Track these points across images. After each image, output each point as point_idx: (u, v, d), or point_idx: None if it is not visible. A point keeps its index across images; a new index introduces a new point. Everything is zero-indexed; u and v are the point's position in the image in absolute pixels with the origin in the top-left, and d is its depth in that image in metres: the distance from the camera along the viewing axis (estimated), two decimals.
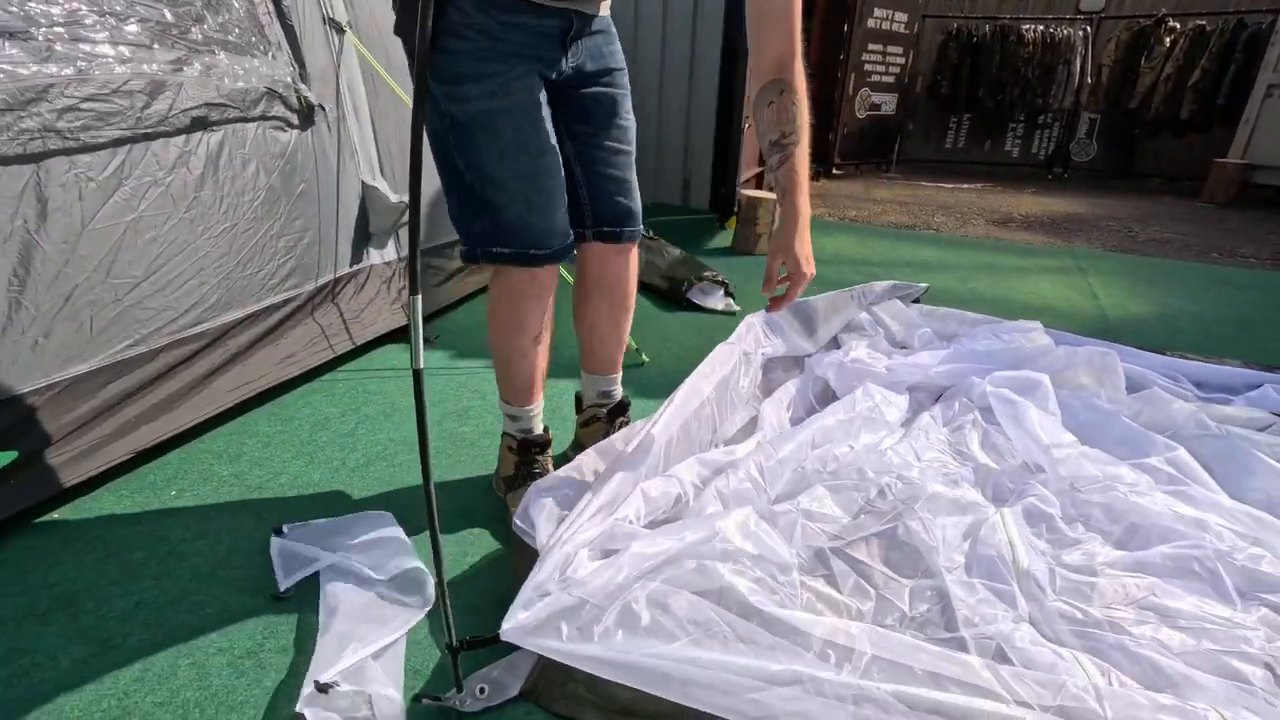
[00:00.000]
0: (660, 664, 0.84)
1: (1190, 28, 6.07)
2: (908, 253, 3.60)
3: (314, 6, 1.79)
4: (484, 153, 1.05)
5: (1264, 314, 2.72)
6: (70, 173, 1.18)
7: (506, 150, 1.05)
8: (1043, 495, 1.28)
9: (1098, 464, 1.35)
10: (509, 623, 0.89)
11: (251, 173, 1.56)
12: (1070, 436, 1.44)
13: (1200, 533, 1.17)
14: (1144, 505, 1.24)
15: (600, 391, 1.48)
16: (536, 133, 1.08)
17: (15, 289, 1.13)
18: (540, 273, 1.16)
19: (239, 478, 1.41)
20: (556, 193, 1.13)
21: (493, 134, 1.04)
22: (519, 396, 1.30)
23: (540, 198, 1.11)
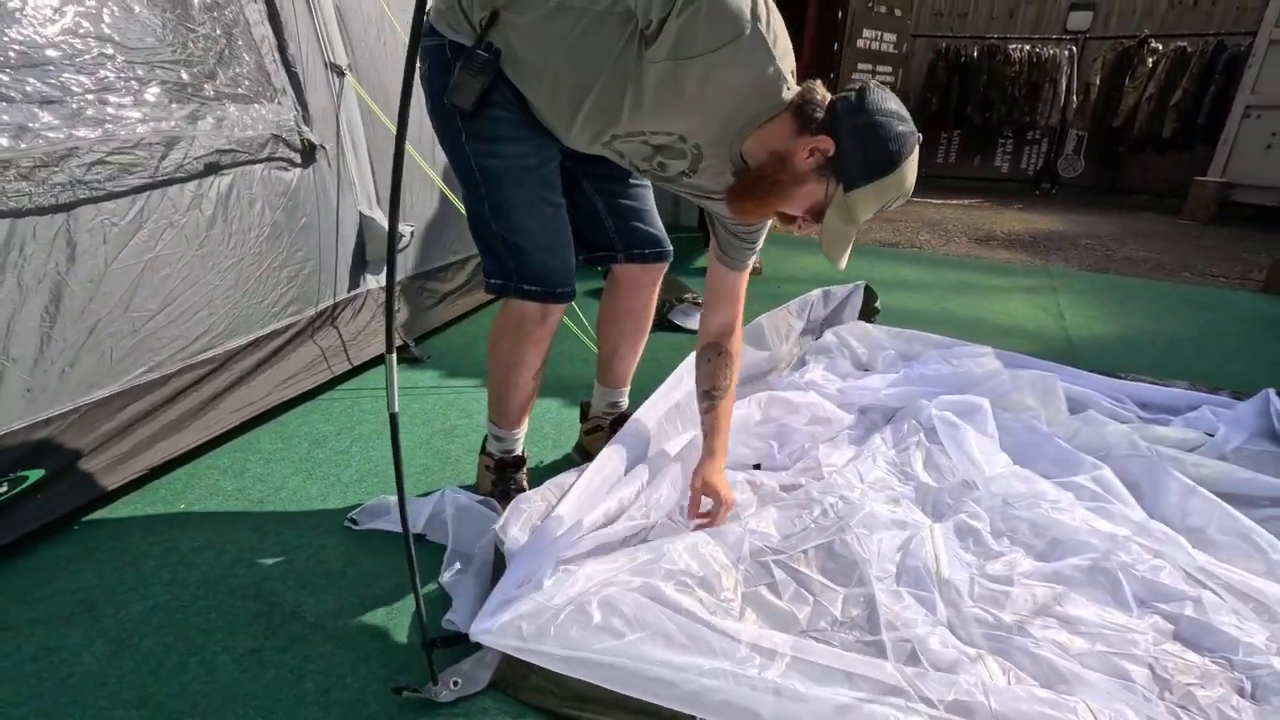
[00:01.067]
0: (608, 659, 0.96)
1: (1172, 49, 6.22)
2: (888, 271, 3.73)
3: (317, 53, 1.93)
4: (514, 203, 1.21)
5: (1222, 334, 2.85)
6: (96, 219, 1.32)
7: (534, 200, 1.22)
8: (974, 511, 1.41)
9: (1027, 482, 1.48)
10: (477, 624, 1.01)
11: (258, 211, 1.69)
12: (1004, 457, 1.57)
13: (1111, 546, 1.29)
14: (1064, 521, 1.37)
15: (609, 403, 1.68)
16: (555, 189, 1.25)
17: (47, 325, 1.26)
18: (553, 310, 1.31)
19: (242, 492, 1.54)
20: (569, 240, 1.30)
21: (524, 185, 1.20)
22: (508, 421, 1.44)
23: (560, 241, 1.27)
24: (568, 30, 1.03)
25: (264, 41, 1.75)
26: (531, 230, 1.23)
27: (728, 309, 1.35)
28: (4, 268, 1.18)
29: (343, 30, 2.04)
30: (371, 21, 2.16)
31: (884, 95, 1.04)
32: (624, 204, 1.40)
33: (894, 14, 6.34)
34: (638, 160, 1.19)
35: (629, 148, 1.16)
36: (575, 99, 1.09)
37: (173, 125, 1.43)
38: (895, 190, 1.04)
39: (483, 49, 1.07)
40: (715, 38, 0.96)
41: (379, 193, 2.17)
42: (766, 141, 1.07)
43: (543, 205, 1.23)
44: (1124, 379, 2.18)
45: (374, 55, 2.16)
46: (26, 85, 1.20)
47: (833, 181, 1.05)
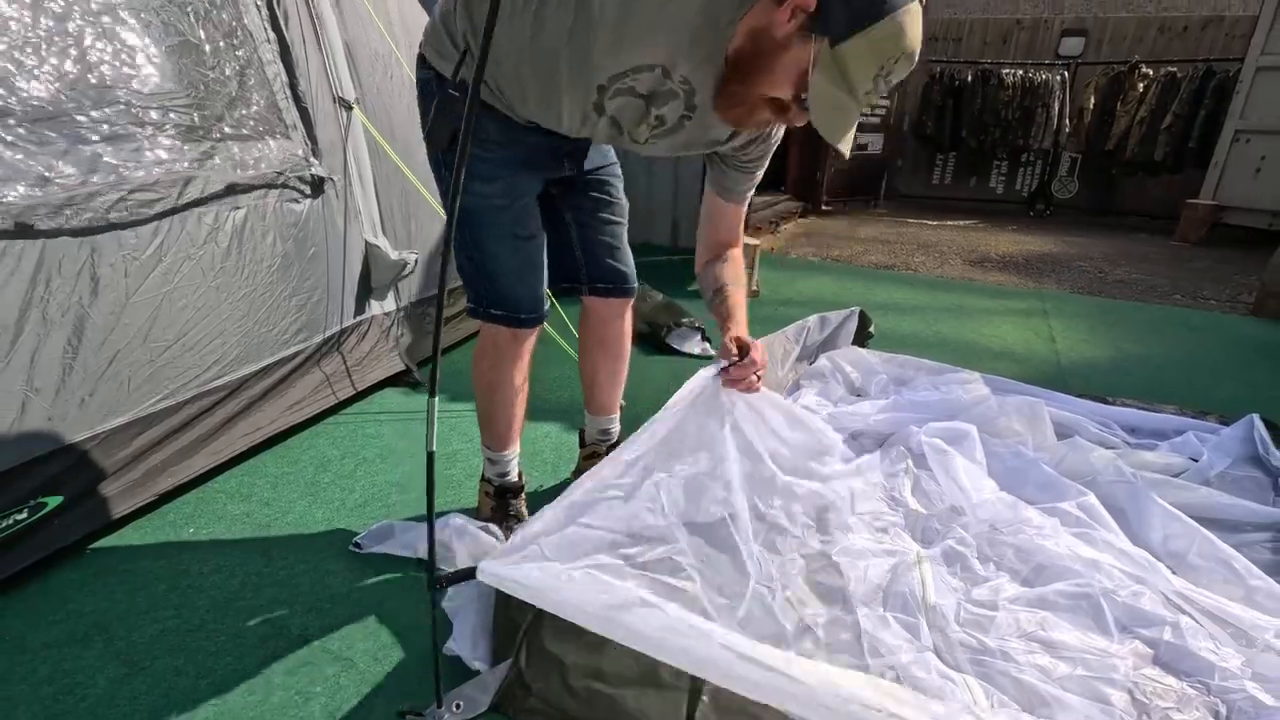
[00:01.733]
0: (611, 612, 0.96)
1: (1162, 74, 6.33)
2: (883, 294, 3.79)
3: (326, 89, 2.00)
4: (487, 234, 1.27)
5: (1209, 358, 2.90)
6: (119, 253, 1.38)
7: (504, 237, 1.28)
8: (962, 538, 1.45)
9: (1013, 509, 1.52)
10: (486, 564, 1.02)
11: (270, 242, 1.75)
12: (991, 483, 1.61)
13: (1094, 572, 1.33)
14: (1049, 547, 1.41)
15: (601, 430, 1.71)
16: (527, 222, 1.30)
17: (69, 355, 1.31)
18: (523, 333, 1.37)
19: (249, 516, 1.58)
20: (539, 270, 1.35)
21: (495, 221, 1.26)
22: (498, 441, 1.49)
23: (531, 274, 1.33)
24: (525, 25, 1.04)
25: (276, 79, 1.82)
26: (500, 259, 1.29)
27: (727, 229, 1.35)
28: (31, 303, 1.24)
29: (351, 66, 2.11)
30: (379, 57, 2.24)
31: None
32: (597, 238, 1.44)
33: None
34: (635, 124, 1.14)
35: (621, 107, 1.10)
36: (551, 73, 1.07)
37: (188, 165, 1.50)
38: (893, 45, 0.89)
39: (453, 88, 1.15)
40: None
41: (384, 221, 2.24)
42: (745, 25, 0.97)
43: (511, 239, 1.29)
44: (1112, 403, 2.23)
45: (381, 89, 2.23)
46: (45, 134, 1.26)
47: (818, 40, 0.90)
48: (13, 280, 1.22)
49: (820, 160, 6.45)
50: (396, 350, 2.30)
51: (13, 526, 1.28)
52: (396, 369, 2.28)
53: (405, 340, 2.35)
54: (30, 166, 1.23)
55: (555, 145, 1.26)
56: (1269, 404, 2.33)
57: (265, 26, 1.80)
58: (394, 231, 2.27)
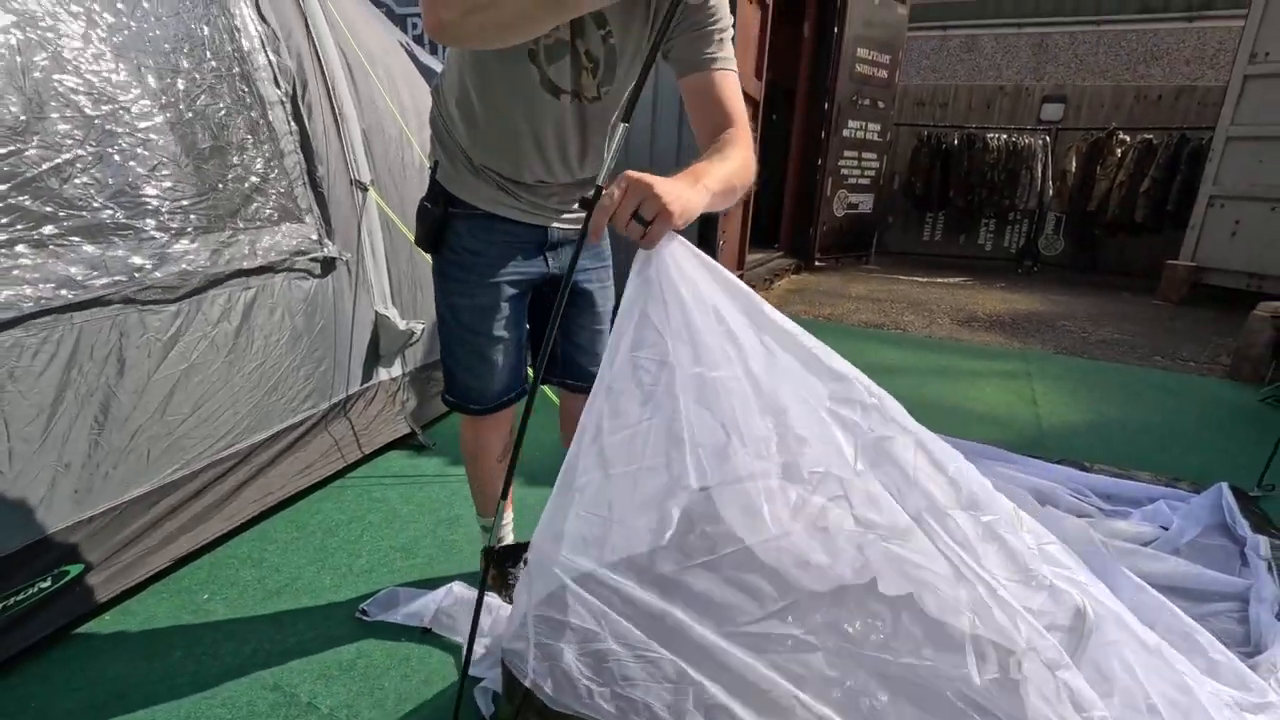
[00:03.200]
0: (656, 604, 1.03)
1: (1139, 141, 6.62)
2: (873, 354, 3.91)
3: (342, 172, 2.15)
4: (448, 329, 1.37)
5: (1185, 423, 3.00)
6: (144, 336, 1.49)
7: (464, 334, 1.35)
8: None
9: None
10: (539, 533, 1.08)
11: (279, 318, 1.87)
12: None
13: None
14: None
15: None
16: (488, 323, 1.32)
17: (95, 432, 1.41)
18: (487, 418, 1.43)
19: (260, 582, 1.65)
20: (497, 368, 1.37)
21: (454, 319, 1.34)
22: (486, 506, 1.57)
23: (483, 368, 1.36)
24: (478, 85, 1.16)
25: (295, 169, 1.96)
26: (457, 355, 1.37)
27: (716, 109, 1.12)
28: (66, 384, 1.34)
29: (368, 150, 2.27)
30: (393, 140, 2.40)
31: None
32: (576, 343, 1.46)
33: (877, 106, 6.77)
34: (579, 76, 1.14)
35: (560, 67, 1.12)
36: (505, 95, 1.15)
37: (213, 251, 1.63)
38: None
39: (428, 201, 1.29)
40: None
41: (394, 292, 2.36)
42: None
43: (468, 334, 1.34)
44: (1089, 469, 2.32)
45: (394, 169, 2.39)
46: (93, 231, 1.39)
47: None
48: (51, 365, 1.33)
49: (813, 218, 6.67)
50: (402, 414, 2.39)
51: (37, 595, 1.35)
52: (402, 432, 2.37)
53: (411, 404, 2.45)
54: (65, 270, 1.35)
55: (535, 238, 1.32)
56: (1240, 470, 2.42)
57: (289, 120, 1.95)
58: (402, 301, 2.40)
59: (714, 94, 1.12)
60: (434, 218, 1.28)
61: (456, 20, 0.92)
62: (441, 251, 1.31)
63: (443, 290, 1.34)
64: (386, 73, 2.47)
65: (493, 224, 1.29)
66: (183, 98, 1.64)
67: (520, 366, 1.44)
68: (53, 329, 1.33)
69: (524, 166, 1.24)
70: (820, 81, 6.41)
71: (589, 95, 1.17)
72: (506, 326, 1.36)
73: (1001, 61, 8.62)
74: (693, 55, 1.12)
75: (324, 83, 2.12)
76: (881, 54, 6.56)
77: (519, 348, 1.41)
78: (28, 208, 1.30)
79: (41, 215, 1.32)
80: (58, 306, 1.32)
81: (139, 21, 1.59)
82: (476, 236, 1.29)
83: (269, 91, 1.91)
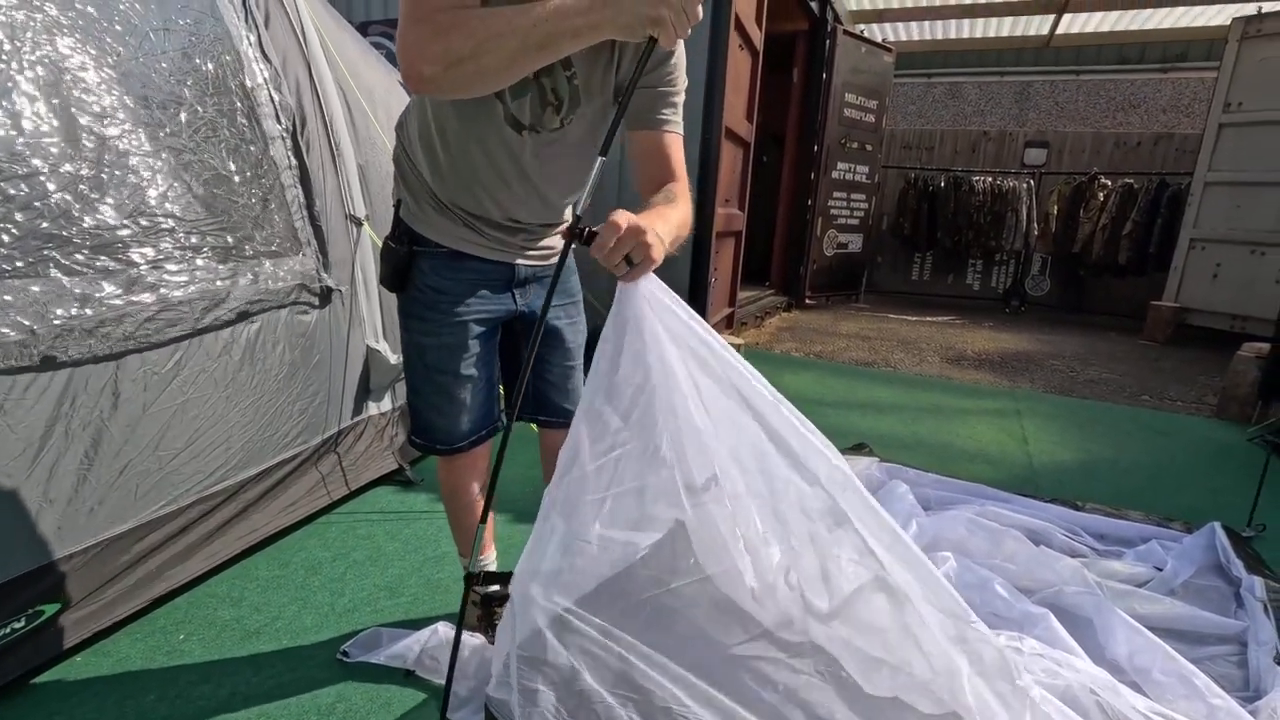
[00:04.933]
0: None
1: (1120, 185, 6.78)
2: (863, 392, 3.92)
3: (339, 207, 2.17)
4: (413, 369, 1.35)
5: (1174, 462, 3.01)
6: (140, 369, 1.47)
7: (429, 374, 1.33)
8: None
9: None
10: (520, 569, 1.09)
11: (280, 352, 1.86)
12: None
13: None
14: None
15: None
16: (455, 362, 1.31)
17: (84, 467, 1.38)
18: (458, 457, 1.41)
19: (239, 622, 1.60)
20: (465, 407, 1.36)
21: (420, 359, 1.33)
22: (464, 546, 1.55)
23: (450, 408, 1.34)
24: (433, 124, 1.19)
25: (294, 202, 1.98)
26: (424, 394, 1.36)
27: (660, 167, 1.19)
28: (57, 419, 1.32)
29: (364, 186, 2.29)
30: (388, 176, 2.42)
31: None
32: (548, 379, 1.48)
33: (865, 149, 6.93)
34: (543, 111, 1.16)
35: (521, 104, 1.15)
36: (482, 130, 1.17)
37: (215, 285, 1.62)
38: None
39: (392, 240, 1.30)
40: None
41: (385, 326, 2.36)
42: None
43: (434, 374, 1.33)
44: (1082, 508, 2.32)
45: (389, 204, 2.40)
46: (98, 261, 1.39)
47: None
48: (43, 399, 1.31)
49: (803, 258, 6.76)
50: (391, 449, 2.37)
51: (9, 635, 1.31)
52: (390, 468, 2.34)
53: (400, 439, 2.43)
54: (80, 289, 1.35)
55: (502, 275, 1.32)
56: (1229, 509, 2.42)
57: (289, 155, 1.98)
58: (394, 336, 2.39)
59: (663, 153, 1.20)
60: (399, 256, 1.28)
61: (439, 74, 0.95)
62: (407, 290, 1.31)
63: (408, 329, 1.33)
64: (385, 111, 2.51)
65: (459, 262, 1.28)
66: (185, 131, 1.66)
67: (490, 404, 1.42)
68: (40, 371, 1.31)
69: (488, 202, 1.25)
70: (810, 125, 6.57)
71: (550, 127, 1.19)
72: (474, 365, 1.34)
73: (985, 108, 8.86)
74: (648, 113, 1.18)
75: (323, 120, 2.15)
76: (869, 99, 6.74)
77: (488, 386, 1.40)
78: (26, 239, 1.30)
79: (40, 247, 1.32)
80: (53, 339, 1.31)
81: (146, 55, 1.62)
82: (442, 275, 1.28)
83: (270, 127, 1.93)
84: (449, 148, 1.21)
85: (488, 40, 0.94)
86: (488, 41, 0.94)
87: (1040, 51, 8.04)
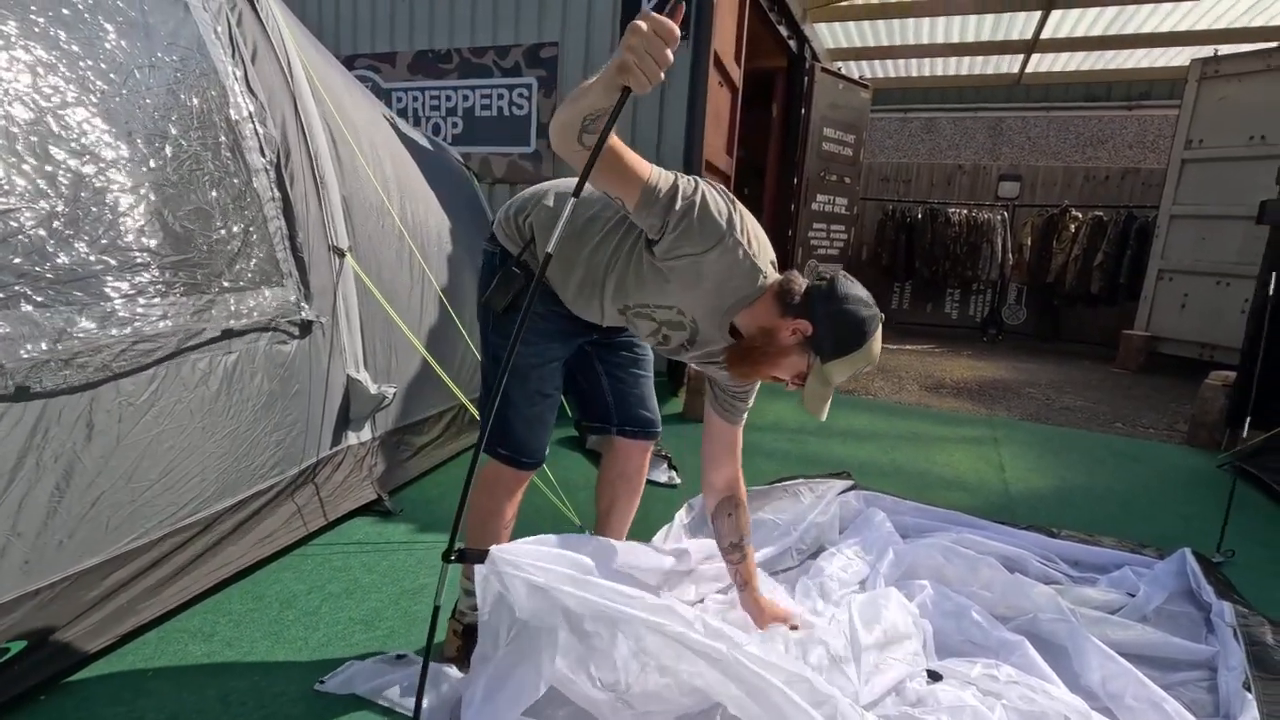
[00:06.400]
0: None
1: (1090, 217, 6.98)
2: (842, 420, 3.95)
3: (321, 238, 2.19)
4: (513, 386, 1.47)
5: (1147, 489, 3.06)
6: (115, 400, 1.46)
7: (529, 390, 1.48)
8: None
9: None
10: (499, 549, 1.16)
11: (258, 382, 1.86)
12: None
13: None
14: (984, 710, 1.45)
15: None
16: (550, 382, 1.51)
17: (55, 499, 1.37)
18: (525, 474, 1.54)
19: (210, 657, 1.57)
20: (548, 425, 1.55)
21: (523, 379, 1.47)
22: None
23: (540, 425, 1.52)
24: (594, 235, 1.38)
25: (276, 233, 1.99)
26: (519, 409, 1.48)
27: (729, 462, 1.59)
28: (28, 450, 1.31)
29: (347, 217, 2.31)
30: (372, 208, 2.45)
31: (850, 284, 1.30)
32: (625, 388, 1.66)
33: (844, 181, 7.08)
34: (645, 334, 1.45)
35: (640, 322, 1.42)
36: (595, 283, 1.39)
37: (192, 316, 1.62)
38: (864, 361, 1.28)
39: (516, 266, 1.41)
40: (701, 244, 1.23)
41: (366, 356, 2.36)
42: (755, 319, 1.31)
43: (535, 395, 1.49)
44: (1057, 535, 2.35)
45: (372, 237, 2.43)
46: (72, 294, 1.39)
47: (812, 354, 1.28)
48: (15, 431, 1.30)
49: None
50: (370, 479, 2.35)
51: None
52: (369, 498, 2.33)
53: (379, 469, 2.41)
54: (53, 323, 1.34)
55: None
56: (1200, 535, 2.46)
57: (272, 188, 2.00)
58: (375, 365, 2.40)
59: (731, 442, 1.58)
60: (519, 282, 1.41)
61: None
62: (510, 314, 1.43)
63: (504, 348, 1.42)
64: (370, 144, 2.55)
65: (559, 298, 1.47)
66: (170, 164, 1.68)
67: None
68: (13, 402, 1.31)
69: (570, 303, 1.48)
70: (790, 159, 6.71)
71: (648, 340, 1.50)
72: (558, 386, 1.54)
73: (960, 142, 9.11)
74: (729, 411, 1.55)
75: (308, 153, 2.18)
76: (847, 134, 6.90)
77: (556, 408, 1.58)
78: (2, 270, 1.30)
79: (16, 278, 1.32)
80: (28, 370, 1.31)
81: (131, 90, 1.64)
82: (549, 305, 1.47)
83: (254, 160, 1.95)
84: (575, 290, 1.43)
85: None
86: None
87: (1011, 89, 8.31)
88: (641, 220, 1.23)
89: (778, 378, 1.35)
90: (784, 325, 1.28)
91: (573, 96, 1.08)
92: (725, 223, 1.23)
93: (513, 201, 1.51)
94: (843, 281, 1.29)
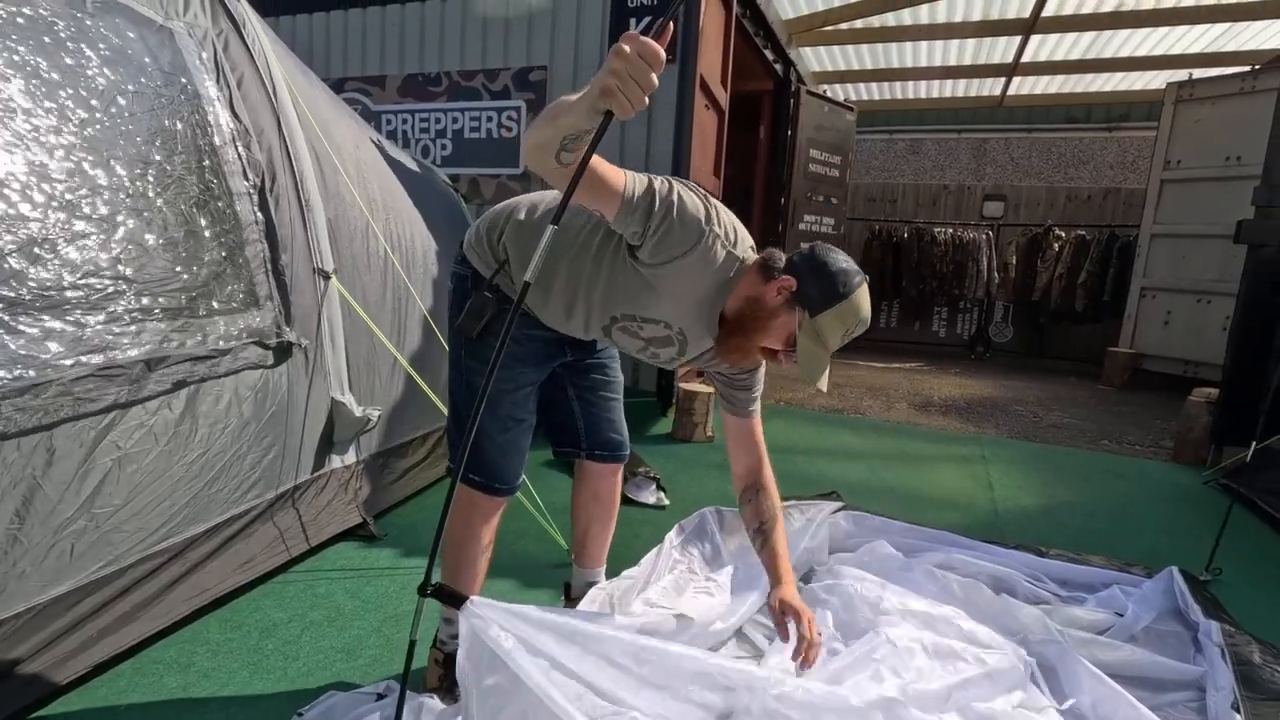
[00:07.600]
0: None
1: (1073, 236, 7.07)
2: (832, 439, 3.95)
3: (306, 260, 2.18)
4: (485, 414, 1.44)
5: (1134, 506, 3.06)
6: (76, 425, 1.44)
7: (502, 418, 1.46)
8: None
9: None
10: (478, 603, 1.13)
11: (225, 405, 1.83)
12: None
13: None
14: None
15: (588, 582, 1.80)
16: (524, 407, 1.49)
17: (15, 527, 1.34)
18: (500, 500, 1.52)
19: (186, 690, 1.53)
20: (522, 452, 1.53)
21: (495, 405, 1.45)
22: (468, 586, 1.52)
23: (513, 450, 1.50)
24: (573, 242, 1.35)
25: (257, 256, 1.98)
26: (491, 436, 1.46)
27: (748, 452, 1.55)
28: None
29: (333, 240, 2.31)
30: (358, 230, 2.45)
31: (830, 248, 1.29)
32: (597, 411, 1.65)
33: (831, 202, 7.15)
34: (633, 351, 1.44)
35: (626, 339, 1.41)
36: (578, 292, 1.36)
37: (161, 343, 1.61)
38: (854, 316, 1.24)
39: (489, 290, 1.39)
40: (683, 244, 1.22)
41: (351, 378, 2.34)
42: (740, 295, 1.29)
43: (507, 420, 1.47)
44: (1045, 554, 2.34)
45: (357, 258, 2.42)
46: (44, 322, 1.37)
47: (800, 310, 1.25)
48: None
49: None
50: (354, 503, 2.32)
51: None
52: (353, 522, 2.29)
53: (364, 493, 2.38)
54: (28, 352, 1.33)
55: (562, 339, 1.49)
56: (1186, 552, 2.47)
57: (255, 211, 1.99)
58: (360, 388, 2.38)
59: (749, 433, 1.54)
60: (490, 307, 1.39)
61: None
62: (488, 338, 1.41)
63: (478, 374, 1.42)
64: (356, 167, 2.55)
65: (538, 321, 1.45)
66: (152, 188, 1.67)
67: None
68: None
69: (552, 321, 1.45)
70: (777, 180, 6.78)
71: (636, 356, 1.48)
72: (532, 410, 1.51)
73: (944, 163, 9.23)
74: (738, 403, 1.52)
75: (293, 175, 2.18)
76: (833, 155, 6.99)
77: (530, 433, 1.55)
78: None
79: None
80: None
81: (112, 118, 1.63)
82: (524, 329, 1.43)
83: (237, 184, 1.95)
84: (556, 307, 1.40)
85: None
86: None
87: (994, 110, 8.44)
88: (622, 228, 1.21)
89: (770, 348, 1.30)
90: (769, 287, 1.26)
91: (550, 114, 1.02)
92: (704, 218, 1.22)
93: (482, 220, 1.48)
94: (821, 245, 1.29)
